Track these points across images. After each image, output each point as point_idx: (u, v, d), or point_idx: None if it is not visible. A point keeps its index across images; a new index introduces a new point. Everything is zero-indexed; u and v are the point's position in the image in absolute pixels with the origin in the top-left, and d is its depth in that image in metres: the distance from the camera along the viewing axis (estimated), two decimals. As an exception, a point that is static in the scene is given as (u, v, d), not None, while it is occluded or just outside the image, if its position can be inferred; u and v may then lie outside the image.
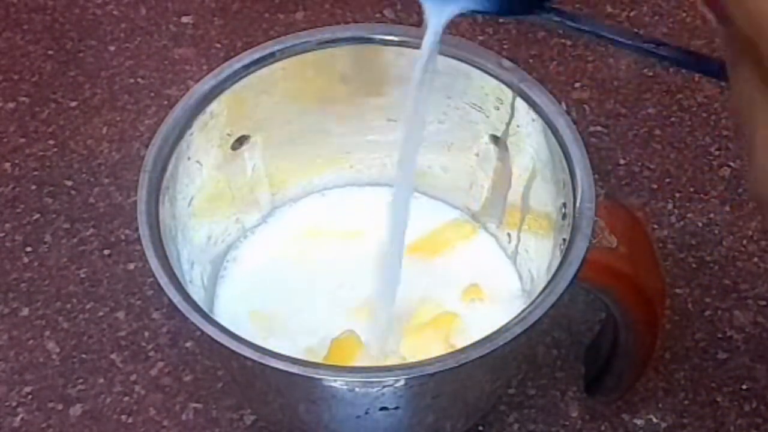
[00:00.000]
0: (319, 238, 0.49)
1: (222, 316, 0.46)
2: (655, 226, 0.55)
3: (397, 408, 0.38)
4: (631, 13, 0.66)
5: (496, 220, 0.49)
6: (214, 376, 0.50)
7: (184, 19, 0.66)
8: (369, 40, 0.45)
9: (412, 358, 0.43)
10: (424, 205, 0.50)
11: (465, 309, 0.46)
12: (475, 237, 0.49)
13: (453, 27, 0.64)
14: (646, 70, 0.62)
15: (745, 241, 0.55)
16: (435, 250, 0.49)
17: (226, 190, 0.47)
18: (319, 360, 0.44)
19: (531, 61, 0.63)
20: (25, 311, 0.52)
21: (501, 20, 0.65)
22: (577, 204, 0.39)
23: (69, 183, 0.57)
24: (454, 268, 0.48)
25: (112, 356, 0.50)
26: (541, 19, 0.35)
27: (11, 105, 0.61)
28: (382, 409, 0.38)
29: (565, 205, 0.41)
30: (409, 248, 0.49)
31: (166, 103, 0.60)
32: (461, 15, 0.36)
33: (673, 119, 0.60)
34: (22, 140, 0.59)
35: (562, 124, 0.41)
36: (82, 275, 0.53)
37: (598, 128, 0.60)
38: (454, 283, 0.47)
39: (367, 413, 0.38)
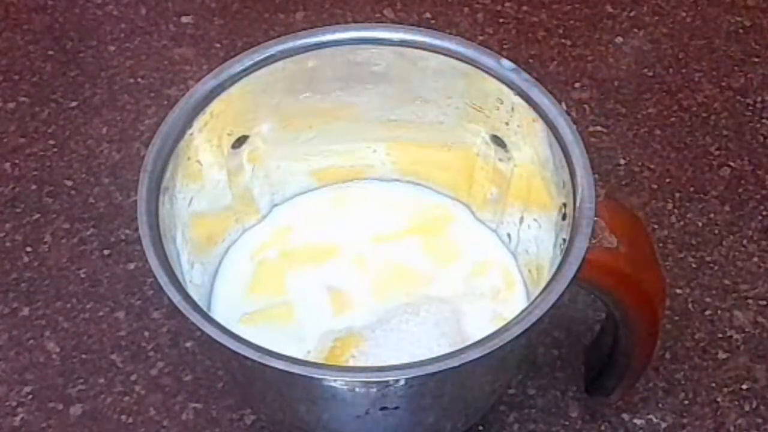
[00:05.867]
0: (319, 236, 0.49)
1: (221, 315, 0.46)
2: (655, 226, 0.55)
3: (397, 408, 0.38)
4: (631, 13, 0.66)
5: (496, 219, 0.49)
6: (214, 376, 0.50)
7: (184, 19, 0.66)
8: (369, 40, 0.45)
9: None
10: (421, 192, 0.50)
11: (465, 306, 0.46)
12: (473, 230, 0.49)
13: (453, 27, 0.65)
14: (646, 70, 0.63)
15: (745, 241, 0.55)
16: (434, 230, 0.49)
17: (226, 190, 0.47)
18: (319, 360, 0.44)
19: (531, 61, 0.63)
20: (25, 311, 0.52)
21: (501, 20, 0.66)
22: (577, 204, 0.39)
23: (69, 183, 0.57)
24: (453, 266, 0.48)
25: (112, 356, 0.50)
26: None
27: (11, 105, 0.61)
28: (382, 409, 0.38)
29: (565, 205, 0.41)
30: (408, 231, 0.49)
31: (166, 103, 0.61)
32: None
33: (673, 119, 0.60)
34: (22, 140, 0.59)
35: (562, 124, 0.41)
36: (82, 275, 0.53)
37: (598, 128, 0.60)
38: (454, 280, 0.47)
39: (367, 413, 0.38)
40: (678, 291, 0.53)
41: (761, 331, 0.52)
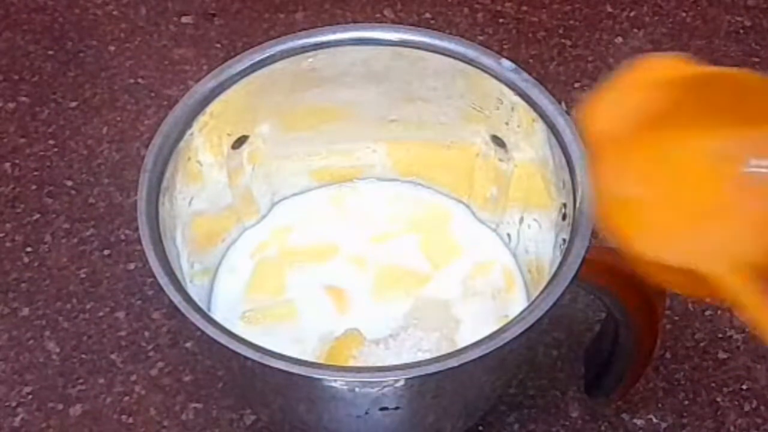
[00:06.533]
0: (318, 236, 0.49)
1: (221, 315, 0.46)
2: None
3: (397, 408, 0.38)
4: (631, 13, 0.66)
5: (496, 219, 0.49)
6: (214, 376, 0.50)
7: (184, 19, 0.66)
8: (369, 41, 0.45)
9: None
10: (421, 192, 0.51)
11: (465, 306, 0.46)
12: (473, 229, 0.49)
13: (453, 27, 0.65)
14: (646, 70, 0.62)
15: (745, 241, 0.55)
16: (433, 230, 0.49)
17: (226, 189, 0.47)
18: (319, 360, 0.44)
19: (531, 61, 0.63)
20: (25, 311, 0.52)
21: (501, 20, 0.66)
22: (577, 204, 0.39)
23: (69, 183, 0.57)
24: (453, 266, 0.48)
25: (112, 356, 0.50)
26: None
27: (11, 105, 0.61)
28: (382, 409, 0.38)
29: (565, 205, 0.41)
30: (408, 230, 0.49)
31: (166, 103, 0.60)
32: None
33: (673, 119, 0.60)
34: (22, 140, 0.59)
35: (562, 124, 0.41)
36: (82, 275, 0.53)
37: (598, 128, 0.60)
38: (454, 280, 0.47)
39: (367, 413, 0.38)
40: (678, 291, 0.53)
41: (761, 331, 0.52)
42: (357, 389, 0.37)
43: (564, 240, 0.39)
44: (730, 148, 0.32)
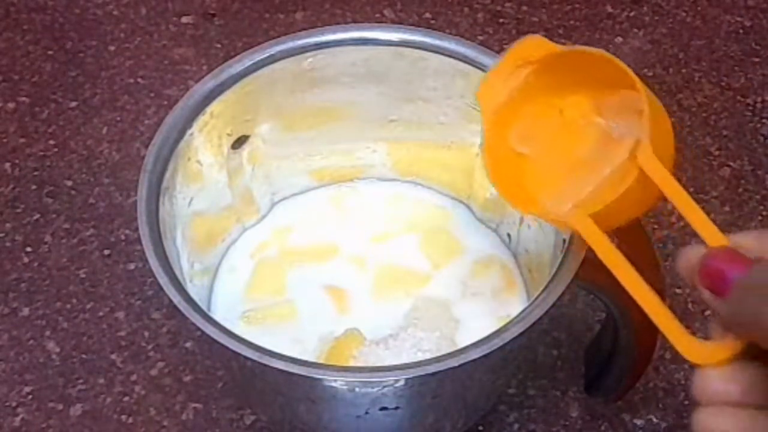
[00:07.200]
0: (318, 236, 0.49)
1: (221, 315, 0.46)
2: (655, 226, 0.55)
3: (397, 408, 0.38)
4: (631, 13, 0.66)
5: (496, 219, 0.49)
6: (214, 376, 0.50)
7: (184, 19, 0.66)
8: (369, 41, 0.45)
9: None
10: (421, 192, 0.51)
11: (465, 306, 0.46)
12: (473, 229, 0.49)
13: (453, 27, 0.65)
14: (646, 70, 0.63)
15: (745, 241, 0.55)
16: (433, 230, 0.49)
17: (225, 189, 0.47)
18: (319, 360, 0.44)
19: (531, 61, 0.63)
20: (25, 311, 0.52)
21: (501, 20, 0.66)
22: (577, 204, 0.39)
23: (69, 183, 0.57)
24: (453, 265, 0.48)
25: (112, 356, 0.50)
26: None
27: (11, 105, 0.61)
28: (382, 409, 0.38)
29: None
30: (408, 230, 0.49)
31: (166, 103, 0.61)
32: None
33: (673, 119, 0.60)
34: (22, 140, 0.59)
35: (562, 123, 0.41)
36: (82, 275, 0.53)
37: (598, 128, 0.60)
38: (454, 279, 0.47)
39: (367, 413, 0.38)
40: (678, 291, 0.52)
41: (761, 331, 0.51)
42: (357, 389, 0.37)
43: (564, 240, 0.39)
44: (593, 113, 0.38)
